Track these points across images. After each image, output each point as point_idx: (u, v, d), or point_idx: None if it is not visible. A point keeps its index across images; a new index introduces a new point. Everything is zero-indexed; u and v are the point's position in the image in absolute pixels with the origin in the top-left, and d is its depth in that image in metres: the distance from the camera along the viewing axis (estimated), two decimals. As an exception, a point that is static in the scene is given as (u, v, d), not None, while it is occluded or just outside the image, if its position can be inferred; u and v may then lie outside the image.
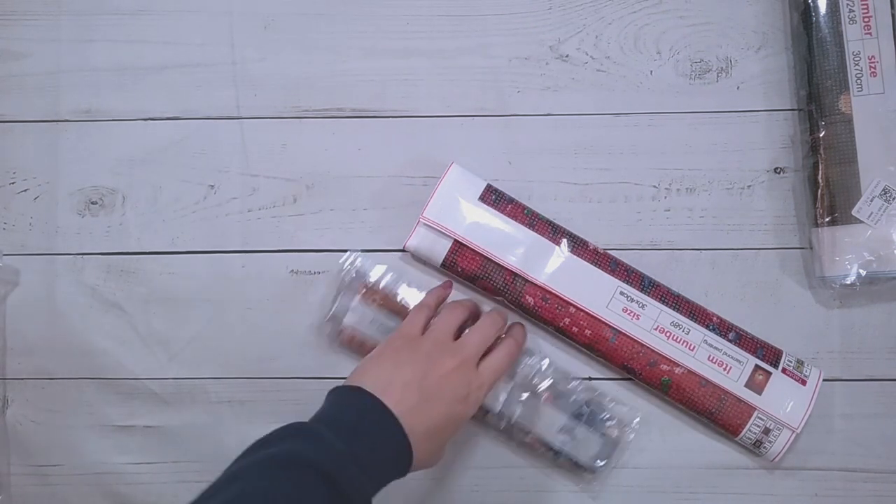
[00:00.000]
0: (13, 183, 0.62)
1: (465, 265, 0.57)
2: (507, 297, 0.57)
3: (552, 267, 0.56)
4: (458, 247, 0.57)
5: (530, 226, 0.57)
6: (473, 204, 0.57)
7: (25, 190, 0.62)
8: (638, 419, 0.58)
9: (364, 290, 0.58)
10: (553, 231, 0.57)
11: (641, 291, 0.56)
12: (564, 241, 0.57)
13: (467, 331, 0.53)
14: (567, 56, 0.61)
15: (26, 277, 0.62)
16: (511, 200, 0.58)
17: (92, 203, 0.62)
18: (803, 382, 0.56)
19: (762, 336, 0.58)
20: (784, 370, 0.56)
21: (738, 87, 0.61)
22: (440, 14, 0.62)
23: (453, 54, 0.62)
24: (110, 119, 0.62)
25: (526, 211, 0.58)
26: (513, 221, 0.57)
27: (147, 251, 0.61)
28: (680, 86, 0.61)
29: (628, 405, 0.58)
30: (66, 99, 0.62)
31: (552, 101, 0.61)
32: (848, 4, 0.57)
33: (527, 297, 0.57)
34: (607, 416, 0.57)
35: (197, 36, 0.62)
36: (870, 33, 0.57)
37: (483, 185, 0.58)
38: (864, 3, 0.57)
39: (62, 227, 0.62)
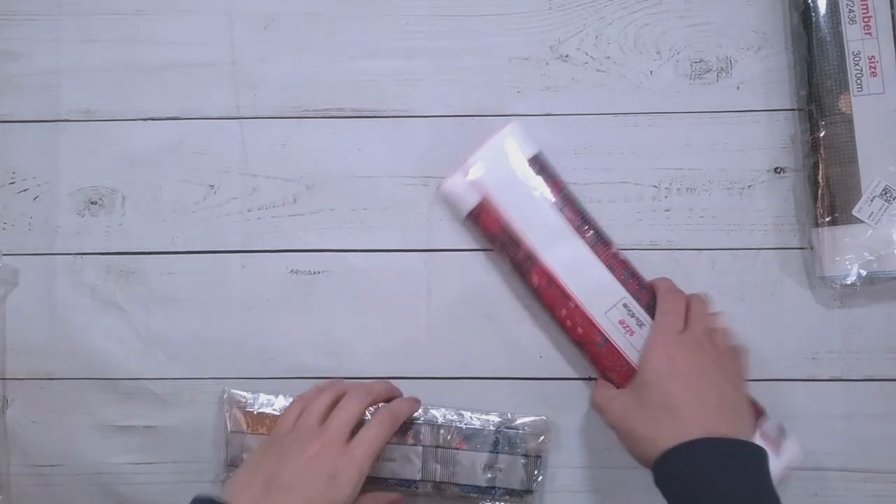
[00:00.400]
0: (13, 183, 0.62)
1: (487, 224, 0.57)
2: (516, 269, 0.57)
3: (567, 256, 0.56)
4: (486, 204, 0.56)
5: (561, 208, 0.56)
6: (517, 167, 0.56)
7: (25, 190, 0.62)
8: (545, 419, 0.58)
9: (251, 423, 0.58)
10: (582, 221, 0.56)
11: (646, 311, 0.55)
12: (590, 234, 0.56)
13: (333, 411, 0.53)
14: (567, 56, 0.61)
15: (26, 277, 0.62)
16: (554, 177, 0.57)
17: (92, 203, 0.62)
18: (777, 452, 0.53)
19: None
20: (762, 434, 0.53)
21: (738, 87, 0.61)
22: (440, 14, 0.62)
23: (453, 54, 0.62)
24: (110, 119, 0.62)
25: (564, 192, 0.57)
26: (548, 198, 0.56)
27: (147, 251, 0.61)
28: (680, 86, 0.61)
29: (531, 414, 0.58)
30: (66, 99, 0.62)
31: (552, 101, 0.61)
32: (848, 4, 0.57)
33: (534, 275, 0.56)
34: (521, 433, 0.57)
35: (197, 36, 0.62)
36: (870, 33, 0.57)
37: (534, 151, 0.57)
38: (863, 3, 0.57)
39: (62, 227, 0.62)
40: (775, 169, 0.60)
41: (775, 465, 0.51)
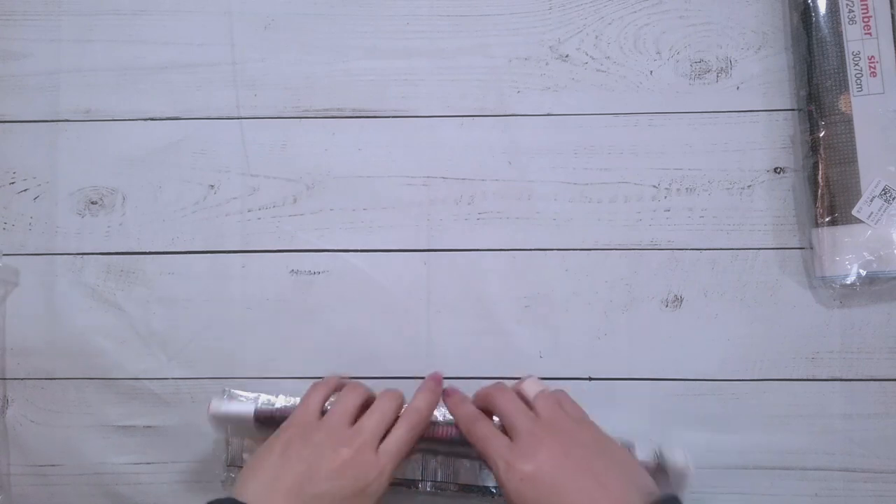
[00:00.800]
0: (13, 183, 0.62)
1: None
2: None
3: None
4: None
5: None
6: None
7: (25, 190, 0.62)
8: None
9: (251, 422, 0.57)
10: None
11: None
12: None
13: (365, 413, 0.50)
14: (567, 56, 0.61)
15: (26, 277, 0.62)
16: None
17: (92, 203, 0.62)
18: (667, 473, 0.52)
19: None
20: (646, 467, 0.51)
21: (738, 87, 0.61)
22: (440, 14, 0.62)
23: (453, 54, 0.62)
24: (110, 119, 0.62)
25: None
26: None
27: (147, 251, 0.61)
28: (680, 86, 0.61)
29: None
30: (66, 99, 0.62)
31: (552, 101, 0.61)
32: (848, 4, 0.57)
33: None
34: None
35: (197, 36, 0.62)
36: (870, 33, 0.57)
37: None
38: (863, 3, 0.57)
39: (62, 227, 0.62)
40: (775, 169, 0.60)
41: (673, 481, 0.51)
